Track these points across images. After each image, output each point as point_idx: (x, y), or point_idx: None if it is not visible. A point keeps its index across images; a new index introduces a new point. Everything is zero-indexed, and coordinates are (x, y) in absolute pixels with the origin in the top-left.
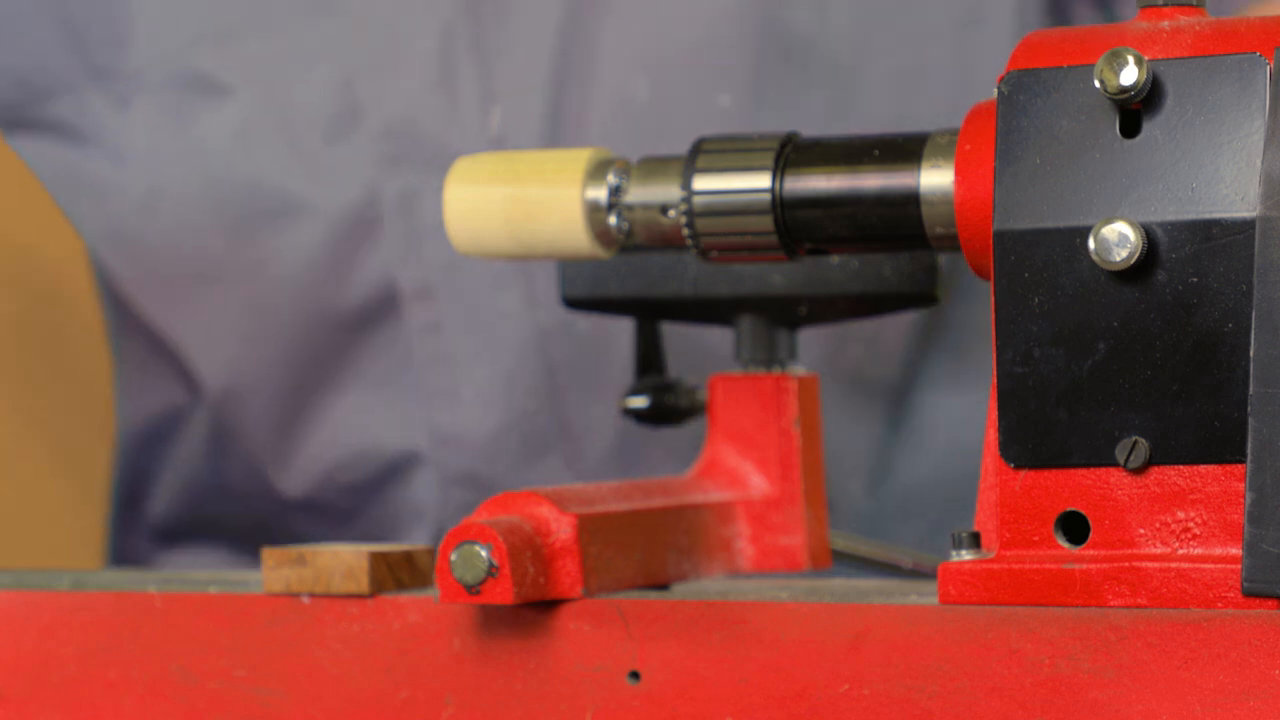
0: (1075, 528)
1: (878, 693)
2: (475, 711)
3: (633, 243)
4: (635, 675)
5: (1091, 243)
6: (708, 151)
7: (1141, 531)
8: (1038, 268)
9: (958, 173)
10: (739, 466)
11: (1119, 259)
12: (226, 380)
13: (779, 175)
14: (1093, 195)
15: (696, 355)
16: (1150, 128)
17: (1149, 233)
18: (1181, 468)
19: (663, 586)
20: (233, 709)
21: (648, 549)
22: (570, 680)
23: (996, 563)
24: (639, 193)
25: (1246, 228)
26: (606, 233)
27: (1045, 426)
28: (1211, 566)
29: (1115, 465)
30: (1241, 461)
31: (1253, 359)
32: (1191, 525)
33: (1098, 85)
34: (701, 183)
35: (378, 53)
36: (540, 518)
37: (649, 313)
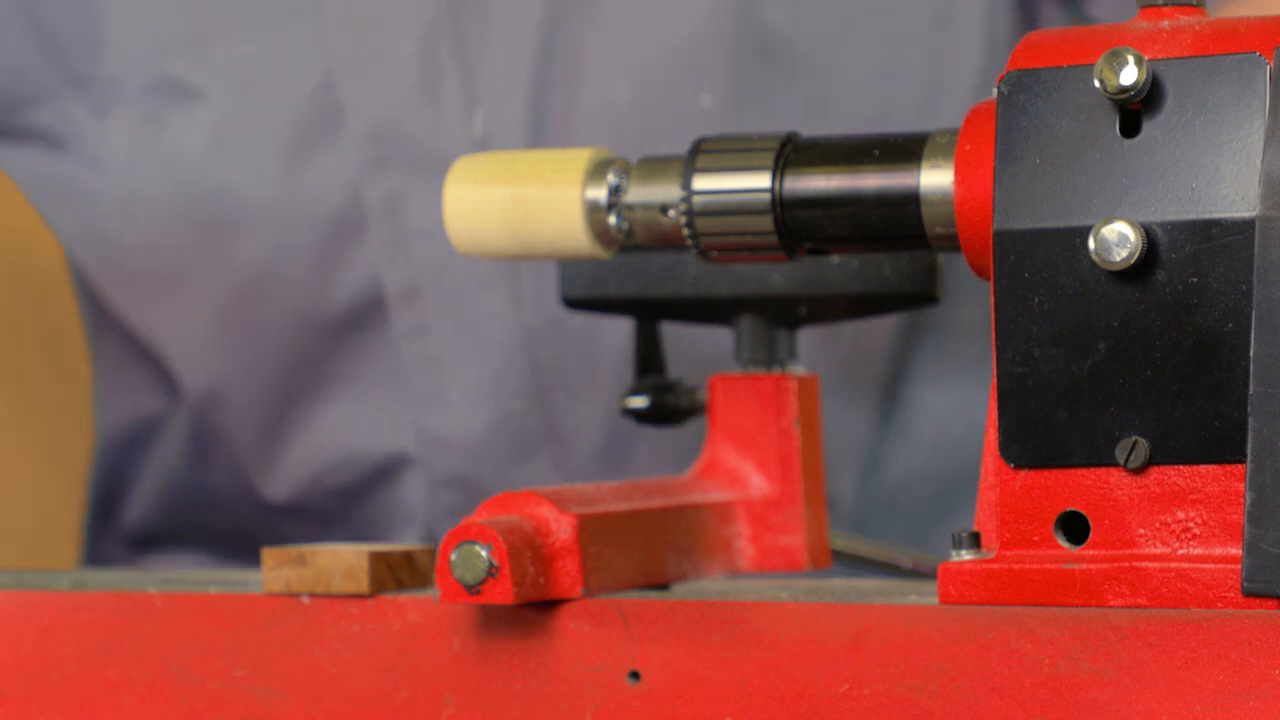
0: (1075, 528)
1: (878, 693)
2: (475, 711)
3: (633, 243)
4: (635, 675)
5: (1091, 243)
6: (707, 151)
7: (1141, 531)
8: (1038, 268)
9: (958, 173)
10: (739, 466)
11: (1119, 259)
12: (207, 384)
13: (779, 175)
14: (1093, 195)
15: (696, 355)
16: (1150, 128)
17: (1149, 233)
18: (1181, 468)
19: (663, 586)
20: (233, 709)
21: (648, 549)
22: (570, 680)
23: (996, 563)
24: (639, 193)
25: (1246, 228)
26: (606, 233)
27: (1045, 426)
28: (1211, 566)
29: (1115, 465)
30: (1241, 461)
31: (1253, 359)
32: (1191, 525)
33: (1097, 85)
34: (701, 182)
35: (359, 56)
36: (540, 518)
37: (649, 313)
